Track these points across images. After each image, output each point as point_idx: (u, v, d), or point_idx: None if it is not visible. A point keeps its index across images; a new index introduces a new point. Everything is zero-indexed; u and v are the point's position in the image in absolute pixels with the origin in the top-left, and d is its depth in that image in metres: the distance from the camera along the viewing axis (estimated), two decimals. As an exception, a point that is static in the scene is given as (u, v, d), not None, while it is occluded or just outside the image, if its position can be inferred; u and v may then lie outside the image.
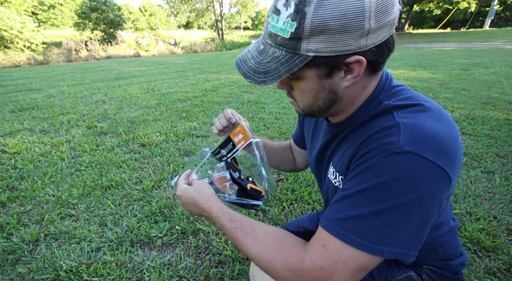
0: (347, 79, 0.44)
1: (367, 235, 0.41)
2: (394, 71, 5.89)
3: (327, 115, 0.53)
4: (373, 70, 0.46)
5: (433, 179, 0.40)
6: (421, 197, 0.39)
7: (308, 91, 0.47)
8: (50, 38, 24.06)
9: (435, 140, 0.41)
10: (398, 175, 0.39)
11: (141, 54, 14.38)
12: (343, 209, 0.43)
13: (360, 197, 0.42)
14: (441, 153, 0.40)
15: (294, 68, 0.42)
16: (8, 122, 3.03)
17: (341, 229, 0.42)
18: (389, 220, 0.40)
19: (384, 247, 0.40)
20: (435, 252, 0.60)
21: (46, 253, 1.21)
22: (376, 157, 0.41)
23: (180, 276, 1.09)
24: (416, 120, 0.43)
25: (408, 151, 0.39)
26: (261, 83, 0.45)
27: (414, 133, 0.41)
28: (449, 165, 0.40)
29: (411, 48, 12.96)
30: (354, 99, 0.50)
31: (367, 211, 0.41)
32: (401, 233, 0.41)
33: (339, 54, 0.40)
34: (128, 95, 4.32)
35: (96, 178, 1.83)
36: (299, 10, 0.38)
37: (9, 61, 10.51)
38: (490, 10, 24.52)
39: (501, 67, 5.88)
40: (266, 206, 1.50)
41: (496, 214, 1.37)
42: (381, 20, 0.39)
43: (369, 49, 0.41)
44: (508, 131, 2.39)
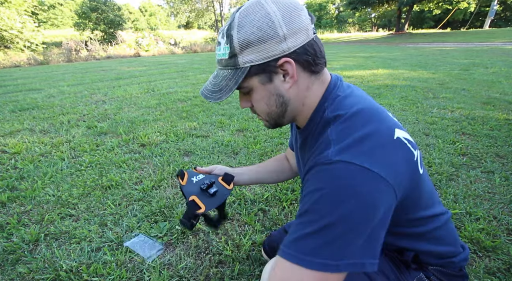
0: (287, 80, 0.52)
1: (318, 252, 0.41)
2: (394, 71, 5.89)
3: (288, 120, 0.59)
4: (310, 71, 0.53)
5: (366, 182, 0.42)
6: (362, 201, 0.41)
7: (261, 99, 0.55)
8: (50, 38, 24.05)
9: (361, 146, 0.44)
10: (334, 185, 0.42)
11: (141, 54, 14.37)
12: (296, 230, 0.44)
13: (308, 215, 0.44)
14: (367, 156, 0.43)
15: (239, 80, 0.51)
16: (8, 122, 3.03)
17: (292, 251, 0.43)
18: (338, 233, 0.41)
19: (339, 261, 0.41)
20: (435, 251, 0.62)
21: (46, 253, 1.21)
22: (314, 174, 0.46)
23: (180, 276, 1.09)
24: (345, 130, 0.48)
25: (337, 161, 0.43)
26: (218, 100, 0.54)
27: (341, 143, 0.45)
28: (379, 165, 0.43)
29: (411, 48, 12.96)
30: (303, 100, 0.56)
31: (316, 227, 0.42)
32: (352, 243, 0.41)
33: (270, 60, 0.49)
34: (128, 95, 4.33)
35: (96, 178, 1.83)
36: (228, 35, 0.50)
37: (9, 61, 10.51)
38: (490, 10, 24.51)
39: (501, 67, 5.88)
40: (266, 206, 1.50)
41: (496, 214, 1.37)
42: (291, 26, 0.48)
43: (294, 51, 0.49)
44: (508, 131, 2.39)
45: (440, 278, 0.63)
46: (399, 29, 27.85)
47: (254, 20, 0.48)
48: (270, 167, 0.94)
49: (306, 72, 0.53)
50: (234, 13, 0.50)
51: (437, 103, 3.33)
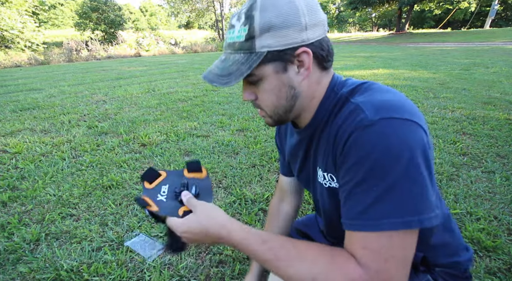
0: (301, 72, 0.51)
1: (394, 212, 0.40)
2: (395, 71, 5.88)
3: (293, 116, 0.56)
4: (322, 66, 0.53)
5: (411, 131, 0.42)
6: (414, 151, 0.41)
7: (271, 90, 0.52)
8: (51, 38, 24.09)
9: (392, 104, 0.45)
10: (384, 144, 0.41)
11: (141, 54, 14.39)
12: (358, 202, 0.43)
13: (367, 182, 0.42)
14: (402, 110, 0.44)
15: (254, 64, 0.48)
16: (9, 122, 3.04)
17: (369, 221, 0.41)
18: (406, 188, 0.40)
19: (417, 216, 0.40)
20: (442, 251, 0.61)
21: (47, 252, 1.21)
22: (357, 139, 0.44)
23: (181, 275, 1.09)
24: (369, 96, 0.48)
25: (378, 119, 0.43)
26: (225, 84, 0.49)
27: (374, 105, 0.45)
28: (415, 116, 0.44)
29: (411, 48, 12.94)
30: (313, 94, 0.54)
31: (381, 190, 0.41)
32: (422, 194, 0.41)
33: (289, 47, 0.48)
34: (128, 95, 4.33)
35: (97, 177, 1.83)
36: (248, 16, 0.47)
37: (10, 61, 10.52)
38: (491, 10, 24.47)
39: (502, 67, 5.87)
40: (266, 206, 1.50)
41: (497, 214, 1.37)
42: (314, 18, 0.48)
43: (312, 43, 0.49)
44: (508, 131, 2.38)
45: (447, 279, 0.63)
46: (399, 29, 27.83)
47: (279, 4, 0.46)
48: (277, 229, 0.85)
49: (318, 66, 0.52)
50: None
51: (438, 103, 3.32)
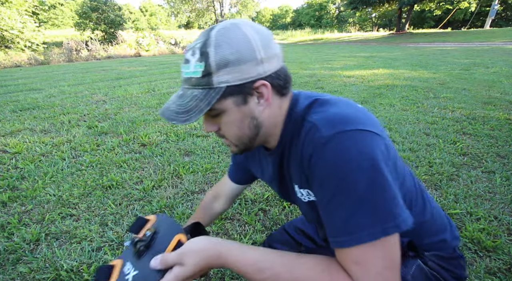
0: (261, 103, 0.52)
1: (372, 222, 0.41)
2: (395, 71, 5.88)
3: (258, 142, 0.58)
4: (281, 94, 0.54)
5: (366, 140, 0.44)
6: (374, 158, 0.43)
7: (233, 122, 0.53)
8: (51, 38, 24.07)
9: (344, 116, 0.47)
10: (344, 157, 0.43)
11: (141, 54, 14.38)
12: (335, 219, 0.44)
13: (337, 198, 0.43)
14: (355, 121, 0.46)
15: (213, 101, 0.48)
16: (9, 122, 3.04)
17: (350, 236, 0.42)
18: (376, 196, 0.42)
19: (394, 220, 0.41)
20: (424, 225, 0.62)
21: (47, 252, 1.21)
22: (318, 158, 0.45)
23: (181, 275, 1.09)
24: (323, 113, 0.50)
25: (333, 134, 0.44)
26: (185, 122, 0.49)
27: (328, 121, 0.47)
28: (368, 125, 0.46)
29: (411, 48, 12.94)
30: (275, 121, 0.56)
31: (352, 204, 0.42)
32: (392, 199, 0.42)
33: (247, 81, 0.49)
34: (128, 95, 4.33)
35: (97, 177, 1.83)
36: (203, 52, 0.47)
37: (10, 61, 10.51)
38: (491, 10, 24.46)
39: (502, 67, 5.87)
40: (266, 206, 1.51)
41: (497, 214, 1.37)
42: (268, 51, 0.49)
43: (269, 75, 0.50)
44: (508, 131, 2.38)
45: (437, 262, 0.64)
46: (399, 29, 27.82)
47: (233, 41, 0.47)
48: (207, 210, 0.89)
49: (277, 94, 0.54)
50: (208, 31, 0.49)
51: (438, 103, 3.32)
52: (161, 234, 0.51)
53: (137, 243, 0.51)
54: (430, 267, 0.63)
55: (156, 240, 0.51)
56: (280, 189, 0.67)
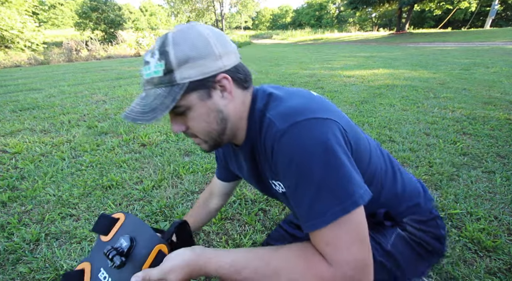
0: (225, 96, 0.54)
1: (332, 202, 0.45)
2: (395, 71, 5.88)
3: (227, 138, 0.59)
4: (242, 87, 0.57)
5: (317, 127, 0.47)
6: (326, 142, 0.46)
7: (200, 117, 0.54)
8: (51, 38, 24.06)
9: (296, 108, 0.51)
10: (299, 146, 0.46)
11: (141, 54, 14.36)
12: (302, 205, 0.47)
13: (299, 185, 0.47)
14: (306, 111, 0.49)
15: (177, 96, 0.49)
16: (9, 122, 3.04)
17: (317, 219, 0.46)
18: (332, 178, 0.45)
19: (350, 199, 0.45)
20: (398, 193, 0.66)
21: (47, 252, 1.21)
22: (278, 150, 0.49)
23: (181, 275, 1.09)
24: (278, 107, 0.53)
25: (287, 128, 0.48)
26: (151, 120, 0.48)
27: (281, 115, 0.51)
28: (319, 112, 0.50)
29: (411, 48, 12.94)
30: (241, 114, 0.58)
31: (314, 189, 0.46)
32: (348, 178, 0.46)
33: (209, 75, 0.51)
34: (128, 95, 4.33)
35: (97, 177, 1.83)
36: (162, 51, 0.49)
37: (10, 61, 10.51)
38: (491, 10, 24.46)
39: (502, 67, 5.86)
40: (266, 206, 1.50)
41: (497, 214, 1.37)
42: (225, 47, 0.52)
43: (229, 69, 0.53)
44: (509, 131, 2.38)
45: (416, 226, 0.67)
46: (399, 28, 27.81)
47: (190, 38, 0.49)
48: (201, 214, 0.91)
49: (239, 88, 0.56)
50: (165, 35, 0.51)
51: (438, 103, 3.32)
52: (139, 244, 0.48)
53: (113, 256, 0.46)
54: (410, 232, 0.66)
55: (134, 250, 0.48)
56: (258, 184, 0.69)
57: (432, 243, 0.68)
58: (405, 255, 0.65)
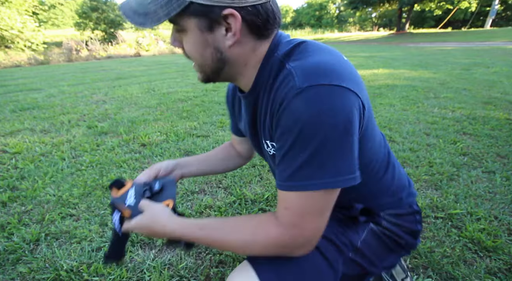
0: (228, 37, 0.46)
1: (316, 175, 0.43)
2: (395, 71, 5.88)
3: (224, 77, 0.54)
4: (257, 35, 0.48)
5: (339, 97, 0.42)
6: (337, 117, 0.41)
7: (193, 44, 0.48)
8: (51, 38, 24.06)
9: (323, 68, 0.44)
10: (311, 112, 0.41)
11: (141, 53, 14.38)
12: (287, 166, 0.45)
13: (294, 148, 0.44)
14: (332, 75, 0.43)
15: (172, 12, 0.43)
16: (8, 122, 3.04)
17: (293, 183, 0.45)
18: (324, 154, 0.43)
19: (335, 178, 0.43)
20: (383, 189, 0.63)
21: (47, 252, 1.21)
22: (286, 107, 0.44)
23: (181, 275, 1.09)
24: (302, 60, 0.46)
25: (306, 87, 0.42)
26: (140, 25, 0.45)
27: (304, 71, 0.44)
28: (344, 80, 0.43)
29: (411, 48, 12.94)
30: (246, 62, 0.51)
31: (306, 156, 0.43)
32: (343, 157, 0.43)
33: (216, 4, 0.42)
34: (128, 95, 4.33)
35: (97, 177, 1.83)
36: None
37: (10, 61, 10.51)
38: (491, 10, 24.46)
39: (502, 67, 5.86)
40: (266, 206, 1.50)
41: (497, 214, 1.37)
42: None
43: (244, 7, 0.43)
44: (509, 131, 2.38)
45: (392, 220, 0.64)
46: (400, 28, 27.83)
47: None
48: (218, 155, 0.89)
49: (253, 34, 0.48)
50: None
51: (438, 103, 3.32)
52: (161, 194, 0.65)
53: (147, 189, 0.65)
54: (384, 227, 0.64)
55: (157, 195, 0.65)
56: (252, 138, 0.65)
57: (405, 238, 0.66)
58: (375, 250, 0.64)
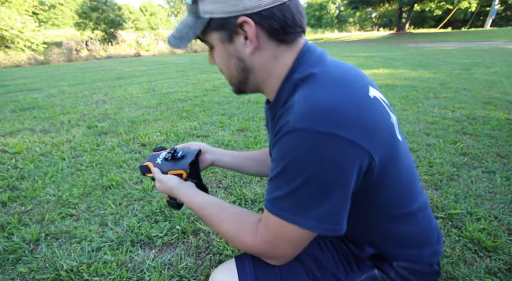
0: (247, 44, 0.47)
1: (292, 209, 0.44)
2: (395, 71, 5.88)
3: (251, 89, 0.55)
4: (277, 39, 0.47)
5: (329, 149, 0.39)
6: (323, 169, 0.40)
7: (220, 58, 0.51)
8: (51, 38, 24.05)
9: (324, 108, 0.40)
10: (296, 153, 0.41)
11: (141, 53, 14.38)
12: (271, 190, 0.47)
13: (277, 180, 0.45)
14: (332, 119, 0.39)
15: (197, 31, 0.48)
16: (8, 122, 3.04)
17: (274, 208, 0.46)
18: (303, 196, 0.43)
19: (307, 220, 0.43)
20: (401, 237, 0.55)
21: (47, 252, 1.21)
22: (280, 139, 0.43)
23: (181, 275, 1.09)
24: (310, 92, 0.43)
25: (298, 128, 0.40)
26: (176, 47, 0.51)
27: (303, 108, 0.41)
28: (347, 128, 0.39)
29: (411, 48, 12.94)
30: (269, 71, 0.50)
31: (285, 191, 0.44)
32: (321, 206, 0.43)
33: (229, 16, 0.44)
34: (128, 95, 4.33)
35: (97, 177, 1.83)
36: None
37: (10, 61, 10.51)
38: (491, 10, 24.46)
39: (502, 67, 5.86)
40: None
41: (497, 214, 1.37)
42: None
43: (258, 12, 0.43)
44: (509, 131, 2.38)
45: (404, 275, 0.55)
46: (400, 28, 27.83)
47: None
48: (254, 156, 0.88)
49: (272, 40, 0.47)
50: None
51: (438, 103, 3.32)
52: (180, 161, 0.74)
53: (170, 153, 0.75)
54: (390, 278, 0.56)
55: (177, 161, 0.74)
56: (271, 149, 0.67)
57: None
58: None
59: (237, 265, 0.57)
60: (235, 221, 0.55)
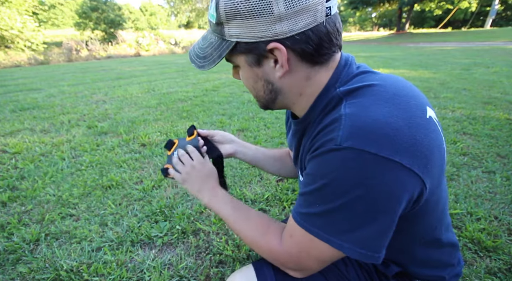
0: (277, 69, 0.44)
1: (325, 228, 0.42)
2: (395, 71, 5.88)
3: (279, 107, 0.53)
4: (311, 61, 0.44)
5: (380, 173, 0.35)
6: (370, 193, 0.36)
7: (246, 79, 0.49)
8: (51, 38, 24.03)
9: (377, 129, 0.36)
10: (342, 174, 0.37)
11: (141, 53, 14.38)
12: (303, 205, 0.45)
13: (312, 197, 0.43)
14: (386, 142, 0.35)
15: (223, 54, 0.45)
16: (8, 122, 3.04)
17: (304, 222, 0.44)
18: (341, 217, 0.40)
19: (343, 242, 0.41)
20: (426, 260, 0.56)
21: (47, 252, 1.21)
22: (320, 155, 0.40)
23: (181, 275, 1.09)
24: (359, 108, 0.39)
25: (347, 147, 0.36)
26: (201, 68, 0.48)
27: (354, 125, 0.37)
28: (402, 152, 0.35)
29: (411, 48, 12.94)
30: (301, 91, 0.47)
31: (320, 209, 0.41)
32: (356, 230, 0.39)
33: (258, 41, 0.41)
34: (128, 94, 4.33)
35: (97, 177, 1.83)
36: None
37: (10, 61, 10.51)
38: (491, 10, 24.46)
39: (502, 67, 5.86)
40: (266, 206, 1.50)
41: (497, 214, 1.37)
42: (292, 5, 0.38)
43: (290, 36, 0.40)
44: (509, 131, 2.38)
45: None
46: (400, 28, 27.83)
47: None
48: (276, 155, 0.85)
49: (305, 62, 0.44)
50: None
51: (438, 103, 3.32)
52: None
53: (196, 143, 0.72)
54: None
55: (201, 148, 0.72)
56: (295, 164, 0.64)
57: None
58: None
59: (256, 272, 0.55)
60: (260, 228, 0.54)
